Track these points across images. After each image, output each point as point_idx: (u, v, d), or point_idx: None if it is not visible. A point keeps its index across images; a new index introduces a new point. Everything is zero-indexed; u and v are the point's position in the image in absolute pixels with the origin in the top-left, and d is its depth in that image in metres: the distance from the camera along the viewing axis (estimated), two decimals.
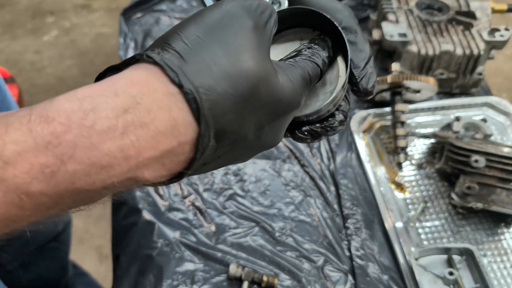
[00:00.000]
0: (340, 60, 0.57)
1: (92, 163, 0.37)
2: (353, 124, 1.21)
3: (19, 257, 1.12)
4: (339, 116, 0.53)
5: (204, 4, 0.54)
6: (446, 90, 1.30)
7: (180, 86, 0.40)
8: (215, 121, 0.41)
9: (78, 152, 0.37)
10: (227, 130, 0.42)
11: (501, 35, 1.23)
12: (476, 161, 1.00)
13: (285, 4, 0.55)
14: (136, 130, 0.38)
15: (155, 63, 0.40)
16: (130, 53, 1.44)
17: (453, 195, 1.03)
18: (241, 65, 0.42)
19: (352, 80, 0.56)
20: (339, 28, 0.56)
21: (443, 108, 1.26)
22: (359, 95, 0.57)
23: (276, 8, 0.53)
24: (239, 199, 1.09)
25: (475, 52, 1.23)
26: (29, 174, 0.36)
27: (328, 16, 0.55)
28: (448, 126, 1.19)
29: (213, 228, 1.04)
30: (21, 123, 0.37)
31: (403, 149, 1.14)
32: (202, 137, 0.41)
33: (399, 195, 1.10)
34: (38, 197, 0.37)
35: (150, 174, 0.41)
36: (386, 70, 1.34)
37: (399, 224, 1.04)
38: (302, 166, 1.15)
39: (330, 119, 0.53)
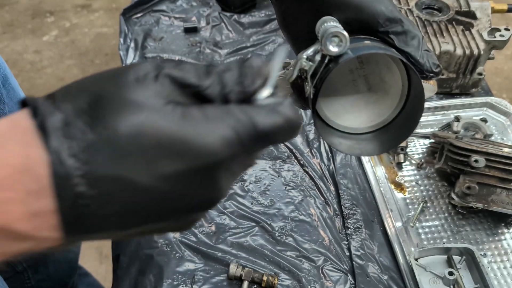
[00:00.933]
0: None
1: None
2: None
3: (29, 258, 1.12)
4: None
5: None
6: (446, 90, 1.30)
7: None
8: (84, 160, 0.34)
9: None
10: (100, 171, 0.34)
11: (501, 35, 1.23)
12: (476, 161, 1.00)
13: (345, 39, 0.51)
14: None
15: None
16: (130, 53, 1.44)
17: (453, 195, 1.03)
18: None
19: (418, 68, 0.55)
20: (407, 63, 0.54)
21: (443, 108, 1.26)
22: (429, 78, 0.56)
23: (337, 42, 0.51)
24: (239, 199, 1.09)
25: (475, 52, 1.23)
26: None
27: (391, 54, 0.53)
28: (448, 126, 1.19)
29: (213, 228, 1.04)
30: None
31: (403, 149, 1.14)
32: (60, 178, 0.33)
33: (399, 195, 1.10)
34: None
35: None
36: None
37: (399, 224, 1.04)
38: (302, 166, 1.15)
39: None
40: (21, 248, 0.36)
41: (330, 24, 0.52)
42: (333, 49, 0.50)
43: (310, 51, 0.52)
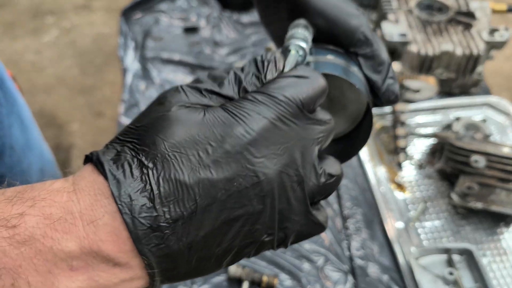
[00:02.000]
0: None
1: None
2: None
3: None
4: None
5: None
6: (446, 90, 1.30)
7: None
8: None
9: None
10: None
11: (501, 35, 1.23)
12: (476, 161, 1.00)
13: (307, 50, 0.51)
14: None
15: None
16: (130, 53, 1.44)
17: (453, 195, 1.03)
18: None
19: (375, 95, 0.55)
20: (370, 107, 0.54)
21: (443, 108, 1.26)
22: (383, 106, 0.56)
23: (302, 53, 0.50)
24: None
25: (475, 52, 1.23)
26: None
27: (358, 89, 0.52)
28: (448, 126, 1.19)
29: None
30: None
31: (403, 149, 1.14)
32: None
33: (399, 195, 1.10)
34: None
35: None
36: None
37: (399, 224, 1.04)
38: None
39: None
40: (112, 282, 0.39)
41: (296, 32, 0.52)
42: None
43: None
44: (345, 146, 0.58)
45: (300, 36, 0.50)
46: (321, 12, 0.55)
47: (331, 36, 0.55)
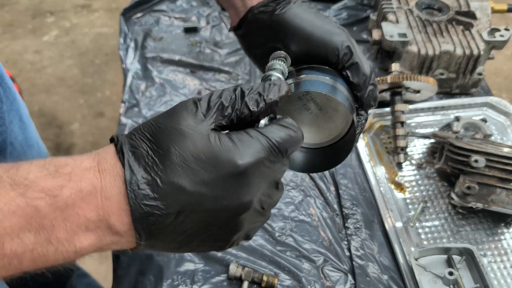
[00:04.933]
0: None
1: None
2: None
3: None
4: None
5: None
6: (446, 90, 1.30)
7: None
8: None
9: None
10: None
11: (501, 35, 1.23)
12: (476, 161, 1.00)
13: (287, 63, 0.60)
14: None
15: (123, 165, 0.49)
16: (130, 53, 1.44)
17: (453, 195, 1.03)
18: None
19: (357, 100, 0.64)
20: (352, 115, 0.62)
21: (443, 108, 1.26)
22: (365, 110, 0.65)
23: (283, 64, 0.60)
24: None
25: (475, 52, 1.23)
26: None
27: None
28: (448, 126, 1.19)
29: None
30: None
31: (403, 149, 1.14)
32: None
33: (399, 195, 1.10)
34: None
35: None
36: (386, 70, 1.34)
37: (399, 224, 1.04)
38: None
39: None
40: (109, 242, 0.50)
41: (274, 63, 0.59)
42: None
43: None
44: (330, 155, 0.65)
45: (279, 68, 0.59)
46: (306, 39, 0.64)
47: (318, 57, 0.64)
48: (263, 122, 0.53)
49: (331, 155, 0.65)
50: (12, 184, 0.47)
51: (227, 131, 0.52)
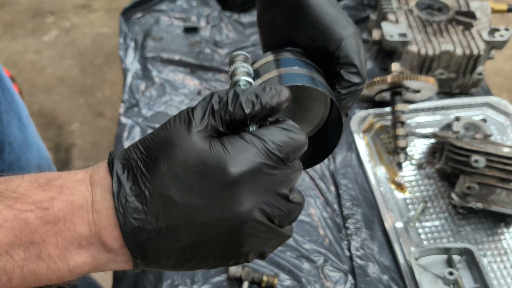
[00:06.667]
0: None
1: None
2: (353, 124, 1.21)
3: None
4: None
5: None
6: (446, 90, 1.30)
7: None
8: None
9: None
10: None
11: (501, 35, 1.23)
12: (476, 161, 1.00)
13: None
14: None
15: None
16: (130, 53, 1.44)
17: (453, 195, 1.03)
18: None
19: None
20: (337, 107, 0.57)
21: (443, 108, 1.26)
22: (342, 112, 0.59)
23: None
24: None
25: (475, 52, 1.23)
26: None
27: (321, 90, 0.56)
28: (448, 126, 1.19)
29: None
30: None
31: (403, 149, 1.14)
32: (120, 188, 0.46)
33: (399, 195, 1.10)
34: None
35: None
36: (386, 70, 1.34)
37: (399, 224, 1.04)
38: None
39: None
40: (105, 260, 0.47)
41: (239, 66, 0.56)
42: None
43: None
44: (322, 144, 0.62)
45: (245, 71, 0.55)
46: (317, 19, 0.58)
47: (318, 40, 0.59)
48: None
49: (322, 143, 0.62)
50: None
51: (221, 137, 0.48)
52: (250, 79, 0.54)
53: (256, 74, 0.57)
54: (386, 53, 1.33)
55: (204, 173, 0.45)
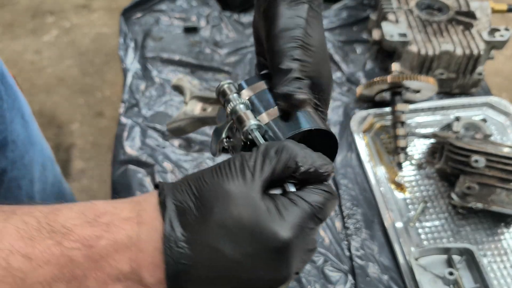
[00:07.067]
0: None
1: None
2: (353, 124, 1.21)
3: None
4: None
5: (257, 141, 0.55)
6: (446, 90, 1.30)
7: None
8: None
9: None
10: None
11: (501, 35, 1.23)
12: (476, 161, 1.00)
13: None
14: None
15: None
16: (130, 53, 1.44)
17: (453, 195, 1.03)
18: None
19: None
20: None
21: (443, 108, 1.26)
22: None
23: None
24: None
25: (475, 52, 1.23)
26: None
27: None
28: (448, 126, 1.19)
29: None
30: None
31: (403, 149, 1.14)
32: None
33: (399, 195, 1.10)
34: None
35: None
36: (386, 70, 1.34)
37: (399, 224, 1.04)
38: None
39: None
40: None
41: (236, 104, 0.57)
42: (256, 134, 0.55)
43: (226, 132, 0.59)
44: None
45: (245, 108, 0.56)
46: (272, 37, 0.58)
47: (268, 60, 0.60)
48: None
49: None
50: (50, 231, 0.47)
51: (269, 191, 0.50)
52: (258, 122, 0.55)
53: (254, 105, 0.58)
54: (386, 53, 1.33)
55: (258, 235, 0.46)
